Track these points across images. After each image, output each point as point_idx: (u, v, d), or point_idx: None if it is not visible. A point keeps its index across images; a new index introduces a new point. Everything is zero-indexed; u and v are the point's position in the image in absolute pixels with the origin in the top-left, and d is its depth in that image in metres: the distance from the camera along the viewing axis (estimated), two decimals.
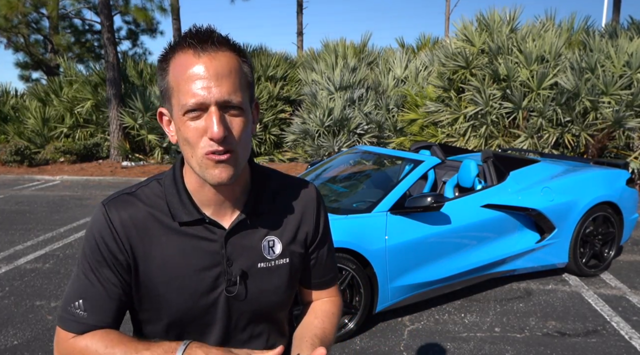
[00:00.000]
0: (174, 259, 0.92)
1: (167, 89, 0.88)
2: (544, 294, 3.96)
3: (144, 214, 0.94)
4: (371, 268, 3.23)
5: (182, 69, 0.84)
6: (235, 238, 0.96)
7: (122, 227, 0.92)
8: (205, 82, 0.83)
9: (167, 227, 0.94)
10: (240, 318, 0.99)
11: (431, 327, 3.42)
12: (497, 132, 8.62)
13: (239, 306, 0.97)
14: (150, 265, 0.93)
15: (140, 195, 0.96)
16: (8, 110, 13.13)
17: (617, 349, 3.12)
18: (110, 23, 11.48)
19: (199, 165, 0.87)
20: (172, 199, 0.95)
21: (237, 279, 0.95)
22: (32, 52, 17.09)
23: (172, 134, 0.93)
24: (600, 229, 4.27)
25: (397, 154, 4.35)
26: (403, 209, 3.43)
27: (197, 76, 0.83)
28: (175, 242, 0.93)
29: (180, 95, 0.85)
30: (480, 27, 9.14)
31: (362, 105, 10.85)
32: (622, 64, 7.76)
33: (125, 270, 0.93)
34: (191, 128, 0.85)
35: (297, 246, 1.03)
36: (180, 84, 0.85)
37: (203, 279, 0.94)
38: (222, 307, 0.96)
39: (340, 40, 12.52)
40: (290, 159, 11.46)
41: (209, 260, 0.94)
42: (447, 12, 20.86)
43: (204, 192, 0.94)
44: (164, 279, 0.93)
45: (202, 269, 0.94)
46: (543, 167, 4.33)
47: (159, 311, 0.95)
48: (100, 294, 0.93)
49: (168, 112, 0.92)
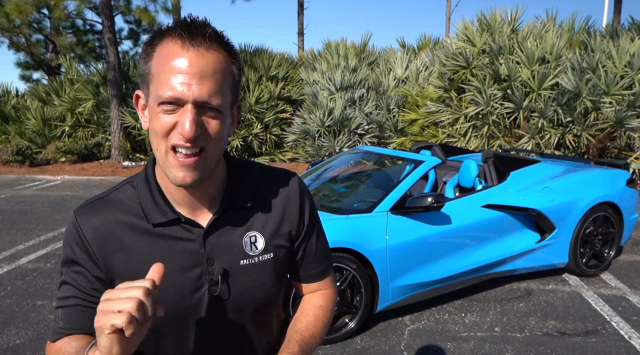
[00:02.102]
0: (151, 263, 0.85)
1: (147, 74, 0.85)
2: (544, 293, 3.97)
3: (116, 219, 0.91)
4: (372, 268, 3.24)
5: (166, 59, 0.81)
6: (214, 236, 0.93)
7: (93, 235, 0.90)
8: (186, 77, 0.80)
9: (142, 231, 0.91)
10: (225, 317, 0.96)
11: (431, 327, 3.43)
12: (498, 132, 8.62)
13: (223, 305, 0.95)
14: (126, 272, 0.89)
15: (113, 199, 0.93)
16: (9, 110, 13.15)
17: (617, 349, 3.12)
18: (111, 23, 11.50)
19: (163, 161, 0.85)
20: (145, 201, 0.91)
21: (219, 278, 0.92)
22: (33, 52, 17.12)
23: (145, 120, 0.89)
24: (600, 229, 4.27)
25: (397, 154, 4.36)
26: (404, 209, 3.44)
27: (180, 70, 0.80)
28: (152, 246, 0.90)
29: (159, 85, 0.82)
30: (481, 28, 9.15)
31: (363, 105, 10.85)
32: (623, 64, 7.77)
33: (99, 279, 0.91)
34: (163, 120, 0.82)
35: (282, 240, 1.00)
36: (160, 74, 0.82)
37: (184, 280, 0.91)
38: (206, 307, 0.93)
39: (341, 40, 12.53)
40: (291, 159, 11.47)
41: (188, 261, 0.91)
42: (448, 13, 20.86)
43: (178, 191, 0.91)
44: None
45: (182, 271, 0.91)
46: (543, 167, 4.34)
47: None
48: (76, 303, 0.90)
49: (144, 97, 0.88)
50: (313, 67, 12.19)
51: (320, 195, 4.24)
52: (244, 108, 11.38)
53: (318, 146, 10.52)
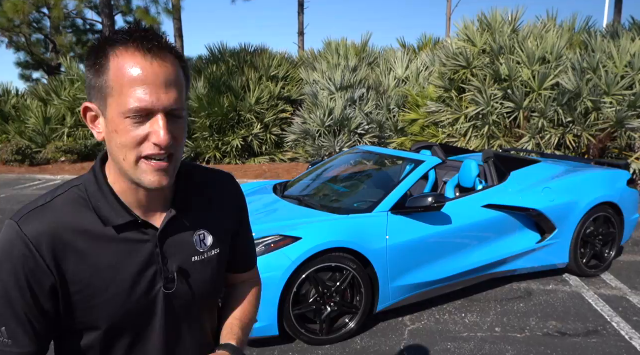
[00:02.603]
0: (108, 266, 0.89)
1: (104, 87, 0.84)
2: (544, 294, 3.96)
3: (67, 224, 0.88)
4: (372, 268, 3.23)
5: (128, 71, 0.82)
6: (168, 236, 0.96)
7: (44, 243, 0.85)
8: (154, 88, 0.82)
9: (96, 236, 0.89)
10: (179, 312, 0.99)
11: (432, 327, 3.42)
12: (499, 132, 8.62)
13: (177, 301, 0.98)
14: (81, 278, 0.88)
15: (58, 205, 0.90)
16: (9, 109, 13.15)
17: (618, 349, 3.12)
18: (111, 23, 11.51)
19: (133, 169, 0.86)
20: (100, 204, 0.90)
21: (174, 275, 0.95)
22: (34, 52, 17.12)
23: (99, 131, 0.89)
24: (601, 230, 4.27)
25: (398, 154, 4.36)
26: (404, 209, 3.43)
27: (146, 81, 0.81)
28: (107, 249, 0.90)
29: (123, 98, 0.82)
30: (482, 28, 9.14)
31: (363, 105, 10.85)
32: (624, 64, 7.76)
33: (51, 290, 0.87)
34: (134, 133, 0.83)
35: (226, 236, 1.06)
36: (124, 86, 0.82)
37: (140, 280, 0.92)
38: (162, 305, 0.96)
39: (342, 40, 12.52)
40: (291, 159, 11.47)
41: (144, 262, 0.93)
42: (449, 13, 20.86)
43: (136, 194, 0.92)
44: (99, 288, 0.89)
45: (138, 272, 0.92)
46: (544, 167, 4.33)
47: (96, 320, 0.91)
48: (23, 319, 0.86)
49: (97, 109, 0.87)
50: (313, 67, 12.18)
51: (321, 195, 4.23)
52: (245, 108, 11.38)
53: (318, 146, 10.51)
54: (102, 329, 0.92)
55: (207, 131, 11.16)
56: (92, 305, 0.90)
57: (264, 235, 3.15)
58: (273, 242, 3.06)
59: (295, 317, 3.05)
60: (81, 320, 0.91)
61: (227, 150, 11.35)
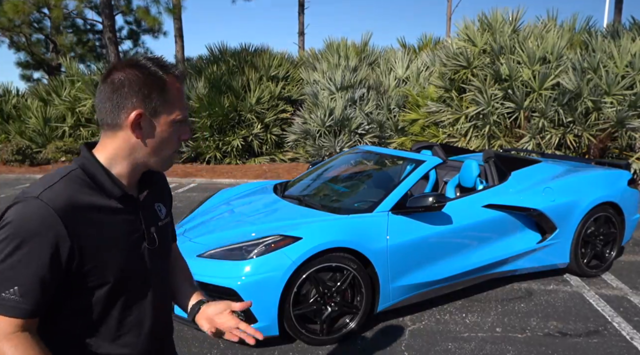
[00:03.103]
0: (110, 230, 1.12)
1: (164, 101, 1.13)
2: (545, 294, 3.96)
3: (77, 198, 1.08)
4: (372, 268, 3.23)
5: (178, 90, 1.15)
6: (144, 206, 1.23)
7: (63, 213, 1.04)
8: (185, 102, 1.19)
9: (100, 206, 1.12)
10: (160, 269, 1.27)
11: (432, 327, 3.42)
12: (499, 132, 8.61)
13: (157, 258, 1.25)
14: (92, 242, 1.09)
15: (67, 184, 1.09)
16: (9, 109, 13.14)
17: (619, 350, 3.11)
18: (111, 23, 11.50)
19: (164, 159, 1.19)
20: (104, 181, 1.13)
21: (153, 235, 1.23)
22: (34, 52, 17.12)
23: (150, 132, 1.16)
24: (601, 230, 4.26)
25: (398, 154, 4.35)
26: (404, 209, 3.43)
27: (184, 97, 1.18)
28: (109, 217, 1.13)
29: (175, 110, 1.15)
30: (482, 27, 9.14)
31: (363, 105, 10.84)
32: (624, 64, 7.76)
33: (69, 254, 1.05)
34: (174, 133, 1.17)
35: (169, 210, 1.38)
36: (175, 102, 1.15)
37: (132, 240, 1.18)
38: (149, 261, 1.22)
39: (342, 40, 12.52)
40: (292, 158, 11.46)
41: (132, 226, 1.18)
42: (449, 13, 20.86)
43: (128, 176, 1.17)
44: (105, 247, 1.11)
45: (129, 233, 1.17)
46: (544, 167, 4.33)
47: (105, 275, 1.12)
48: (37, 281, 1.02)
49: (149, 116, 1.14)
50: (313, 67, 12.18)
51: (321, 195, 4.23)
52: (245, 108, 11.38)
53: (318, 146, 10.51)
54: (110, 282, 1.12)
55: (208, 131, 11.15)
56: (101, 262, 1.10)
57: (264, 235, 3.15)
58: (273, 242, 3.06)
59: (295, 317, 3.05)
60: (93, 276, 1.10)
61: (228, 150, 11.35)
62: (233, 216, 3.78)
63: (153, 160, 1.17)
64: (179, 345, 3.16)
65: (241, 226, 3.47)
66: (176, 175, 9.81)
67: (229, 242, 3.20)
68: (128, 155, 1.15)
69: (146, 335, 1.22)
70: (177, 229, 3.83)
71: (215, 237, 3.35)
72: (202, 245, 3.29)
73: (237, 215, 3.76)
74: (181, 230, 3.71)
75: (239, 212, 3.83)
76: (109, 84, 1.11)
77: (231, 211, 3.90)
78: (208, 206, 4.19)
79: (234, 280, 2.92)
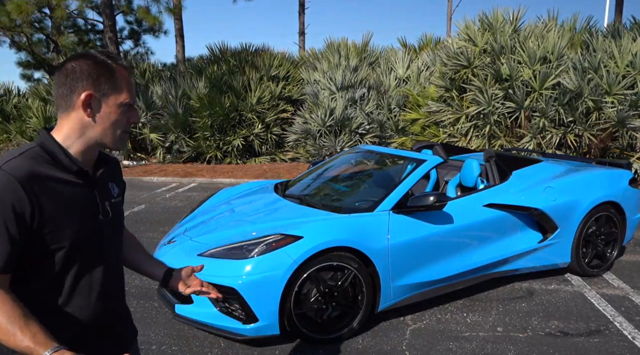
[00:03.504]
0: (66, 200, 1.25)
1: (113, 86, 1.27)
2: (546, 293, 3.95)
3: (37, 170, 1.21)
4: (373, 267, 3.22)
5: (126, 78, 1.30)
6: (98, 182, 1.36)
7: (24, 181, 1.17)
8: (134, 90, 1.34)
9: (58, 178, 1.25)
10: (113, 240, 1.41)
11: (433, 327, 3.41)
12: (500, 132, 8.60)
13: (110, 228, 1.38)
14: (50, 208, 1.21)
15: (27, 158, 1.22)
16: (10, 109, 13.15)
17: (620, 349, 3.11)
18: (112, 23, 11.51)
19: (115, 138, 1.31)
20: (61, 158, 1.26)
21: (107, 208, 1.36)
22: (35, 52, 17.11)
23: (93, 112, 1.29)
24: (602, 229, 4.26)
25: (399, 153, 4.35)
26: (405, 208, 3.42)
27: (132, 86, 1.33)
28: (66, 188, 1.25)
29: (123, 93, 1.29)
30: (483, 27, 9.13)
31: (364, 105, 10.84)
32: (625, 64, 7.75)
33: (30, 218, 1.18)
34: (123, 115, 1.31)
35: (121, 191, 1.49)
36: (123, 87, 1.29)
37: (86, 210, 1.30)
38: (103, 230, 1.35)
39: (342, 39, 12.51)
40: (292, 158, 11.46)
41: (87, 198, 1.31)
42: (449, 12, 20.85)
43: (84, 154, 1.30)
44: (62, 214, 1.24)
45: (84, 204, 1.30)
46: (545, 166, 4.32)
47: (61, 240, 1.24)
48: (7, 240, 1.15)
49: (99, 97, 1.27)
50: (314, 67, 12.18)
51: (322, 194, 4.23)
52: (246, 108, 11.38)
53: (319, 146, 10.51)
54: (66, 247, 1.24)
55: (208, 131, 11.15)
56: (58, 227, 1.23)
57: (265, 234, 3.14)
58: (274, 241, 3.06)
59: (296, 317, 3.04)
60: (51, 240, 1.22)
61: (228, 150, 11.35)
62: (233, 215, 3.77)
63: (105, 138, 1.30)
64: (179, 344, 3.17)
65: (242, 225, 3.46)
66: (177, 174, 9.81)
67: (229, 241, 3.20)
68: (82, 134, 1.28)
69: (95, 299, 1.34)
70: (177, 228, 3.84)
71: (216, 236, 3.35)
72: (203, 244, 3.28)
73: (238, 215, 3.76)
74: (182, 229, 3.71)
75: (239, 212, 3.83)
76: (62, 72, 1.25)
77: (232, 210, 3.90)
78: (208, 205, 4.19)
79: (234, 279, 2.92)
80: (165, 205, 7.23)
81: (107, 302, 1.39)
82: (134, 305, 3.72)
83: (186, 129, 11.43)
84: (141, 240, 5.34)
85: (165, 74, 13.31)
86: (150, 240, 5.32)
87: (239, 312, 2.98)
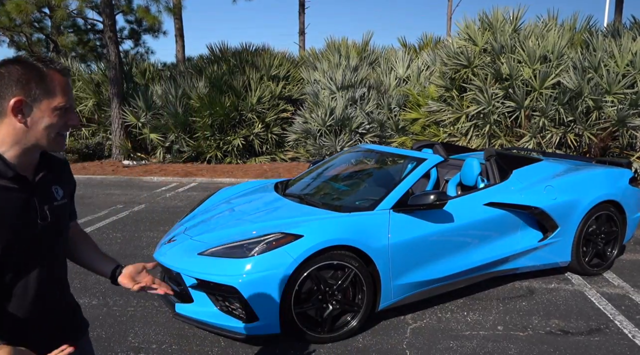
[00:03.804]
0: (1, 206, 1.25)
1: (45, 90, 1.26)
2: (546, 292, 3.95)
3: None
4: (374, 266, 3.22)
5: (59, 81, 1.29)
6: (38, 187, 1.35)
7: None
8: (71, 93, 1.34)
9: None
10: (52, 242, 1.40)
11: (434, 325, 3.41)
12: (500, 131, 8.60)
13: (49, 234, 1.38)
14: None
15: None
16: None
17: (621, 348, 3.11)
18: (112, 22, 11.49)
19: (50, 141, 1.30)
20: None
21: (46, 212, 1.36)
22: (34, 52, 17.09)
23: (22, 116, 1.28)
24: (603, 228, 4.26)
25: (399, 152, 4.35)
26: (406, 207, 3.42)
27: (69, 88, 1.32)
28: (1, 194, 1.26)
29: (57, 97, 1.28)
30: (483, 27, 9.13)
31: (364, 104, 10.84)
32: (625, 63, 7.74)
33: None
34: (60, 118, 1.30)
35: (67, 193, 1.49)
36: (57, 91, 1.28)
37: (24, 215, 1.30)
38: (40, 235, 1.34)
39: (342, 39, 12.51)
40: (292, 158, 11.46)
41: (25, 203, 1.31)
42: (449, 12, 20.86)
43: (21, 158, 1.30)
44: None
45: (22, 209, 1.30)
46: (546, 165, 4.32)
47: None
48: None
49: (30, 102, 1.26)
50: (314, 67, 12.17)
51: (322, 193, 4.22)
52: (246, 107, 11.38)
53: (319, 145, 10.51)
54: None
55: (209, 130, 11.15)
56: None
57: (265, 233, 3.14)
58: (274, 240, 3.05)
59: (297, 315, 3.04)
60: None
61: (228, 150, 11.34)
62: (234, 214, 3.77)
63: (41, 141, 1.30)
64: (180, 343, 3.17)
65: (242, 224, 3.46)
66: (177, 174, 9.81)
67: (230, 240, 3.20)
68: (16, 140, 1.28)
69: (31, 301, 1.34)
70: (178, 227, 3.84)
71: (216, 235, 3.35)
72: (203, 243, 3.28)
73: (238, 214, 3.76)
74: (182, 228, 3.71)
75: (239, 211, 3.82)
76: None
77: (232, 209, 3.90)
78: (209, 205, 4.19)
79: (235, 278, 2.92)
80: (166, 205, 7.23)
81: (46, 303, 1.39)
82: (134, 305, 3.72)
83: (186, 128, 11.42)
84: (141, 240, 5.38)
85: (165, 74, 13.30)
86: (150, 240, 5.32)
87: (239, 311, 2.97)
